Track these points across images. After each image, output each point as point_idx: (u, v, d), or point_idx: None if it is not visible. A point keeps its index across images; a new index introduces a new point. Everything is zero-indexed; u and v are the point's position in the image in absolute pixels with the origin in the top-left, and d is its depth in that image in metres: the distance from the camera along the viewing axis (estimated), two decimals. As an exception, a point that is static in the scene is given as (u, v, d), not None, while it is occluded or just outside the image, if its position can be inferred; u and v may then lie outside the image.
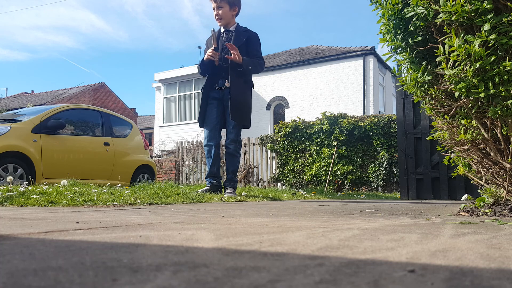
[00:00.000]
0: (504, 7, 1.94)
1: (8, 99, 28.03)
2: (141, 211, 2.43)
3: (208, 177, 4.66)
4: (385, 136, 9.63)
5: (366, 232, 1.28)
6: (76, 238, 1.10)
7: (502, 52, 1.92)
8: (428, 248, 0.96)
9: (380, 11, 2.36)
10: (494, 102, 1.99)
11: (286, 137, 10.61)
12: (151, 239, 1.09)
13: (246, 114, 4.51)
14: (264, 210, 2.57)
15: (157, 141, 18.28)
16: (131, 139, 7.10)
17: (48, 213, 2.11)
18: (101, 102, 26.38)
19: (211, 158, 4.58)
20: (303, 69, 16.94)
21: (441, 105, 2.37)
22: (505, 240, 1.12)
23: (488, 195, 2.36)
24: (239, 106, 4.41)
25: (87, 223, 1.56)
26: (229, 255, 0.84)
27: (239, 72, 4.41)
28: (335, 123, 10.05)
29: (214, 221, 1.68)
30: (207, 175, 4.68)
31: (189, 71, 17.78)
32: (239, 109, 4.41)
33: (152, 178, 7.29)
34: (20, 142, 5.24)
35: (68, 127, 6.11)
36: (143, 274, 0.65)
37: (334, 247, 0.96)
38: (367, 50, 15.82)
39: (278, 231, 1.31)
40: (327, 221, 1.75)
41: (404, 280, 0.63)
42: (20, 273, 0.65)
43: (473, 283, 0.62)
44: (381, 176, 9.48)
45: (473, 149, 2.30)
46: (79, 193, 3.44)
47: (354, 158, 9.88)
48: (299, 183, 10.23)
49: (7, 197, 3.09)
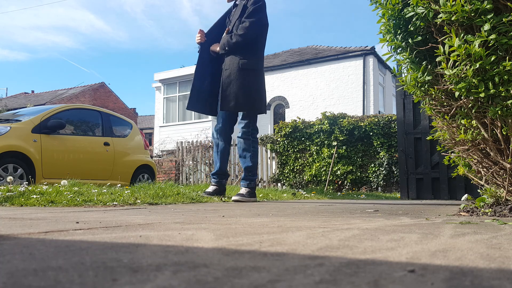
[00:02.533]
0: (504, 7, 1.94)
1: (8, 99, 28.03)
2: (141, 211, 2.43)
3: (213, 174, 4.25)
4: (385, 136, 9.63)
5: (366, 232, 1.28)
6: (76, 238, 1.10)
7: (502, 52, 1.92)
8: (428, 248, 0.96)
9: (380, 11, 2.36)
10: (494, 102, 1.99)
11: (286, 137, 10.61)
12: (151, 239, 1.09)
13: (243, 98, 3.86)
14: (264, 210, 2.57)
15: (157, 141, 18.28)
16: (131, 139, 7.10)
17: (48, 213, 2.11)
18: (101, 102, 26.38)
19: (218, 154, 4.17)
20: (303, 69, 16.94)
21: (441, 105, 2.37)
22: (505, 240, 1.12)
23: (488, 195, 2.36)
24: (230, 92, 3.86)
25: (87, 223, 1.56)
26: (229, 255, 0.84)
27: (231, 56, 3.94)
28: (335, 123, 10.05)
29: (214, 221, 1.68)
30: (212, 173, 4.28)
31: (189, 71, 17.77)
32: (230, 96, 3.86)
33: (152, 178, 7.29)
34: (20, 142, 5.24)
35: (68, 127, 6.11)
36: (143, 274, 0.65)
37: (334, 247, 0.96)
38: (367, 50, 15.82)
39: (278, 231, 1.31)
40: (327, 221, 1.75)
41: (404, 280, 0.63)
42: (20, 273, 0.65)
43: (473, 283, 0.62)
44: (381, 176, 9.48)
45: (473, 149, 2.30)
46: (79, 193, 3.44)
47: (354, 158, 9.88)
48: (299, 183, 10.23)
49: (7, 197, 3.09)
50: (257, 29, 3.91)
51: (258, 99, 3.96)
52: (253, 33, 3.89)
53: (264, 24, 3.98)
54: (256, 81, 3.95)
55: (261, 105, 4.00)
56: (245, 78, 3.88)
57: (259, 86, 3.99)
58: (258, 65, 3.98)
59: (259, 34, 3.95)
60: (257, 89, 3.95)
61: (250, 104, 3.91)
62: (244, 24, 3.88)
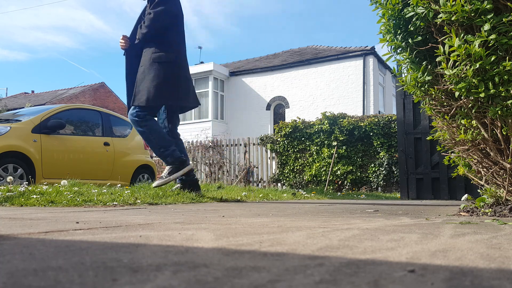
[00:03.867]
0: (504, 7, 1.94)
1: (8, 99, 28.02)
2: (141, 211, 2.43)
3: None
4: (385, 136, 9.63)
5: (366, 232, 1.28)
6: (76, 238, 1.10)
7: (502, 52, 1.92)
8: (428, 248, 0.96)
9: (380, 11, 2.36)
10: (494, 102, 1.99)
11: (286, 137, 10.61)
12: (151, 239, 1.09)
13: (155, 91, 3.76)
14: (264, 210, 2.57)
15: (157, 141, 18.25)
16: (131, 139, 7.10)
17: (48, 213, 2.11)
18: (101, 102, 26.37)
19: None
20: (303, 69, 16.94)
21: (441, 105, 2.37)
22: (505, 240, 1.12)
23: (488, 195, 2.36)
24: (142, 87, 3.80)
25: (87, 223, 1.56)
26: (229, 255, 0.84)
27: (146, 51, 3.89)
28: (335, 123, 10.05)
29: (214, 221, 1.68)
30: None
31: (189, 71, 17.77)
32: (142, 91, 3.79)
33: (152, 178, 7.29)
34: (20, 142, 5.24)
35: (68, 127, 6.11)
36: (143, 274, 0.65)
37: (334, 247, 0.96)
38: (367, 50, 15.82)
39: (278, 231, 1.31)
40: (327, 221, 1.75)
41: (404, 280, 0.63)
42: (20, 273, 0.65)
43: (473, 283, 0.62)
44: (381, 176, 9.48)
45: (473, 149, 2.30)
46: (79, 193, 3.44)
47: (354, 158, 9.88)
48: (299, 183, 10.23)
49: (7, 197, 3.09)
50: (162, 19, 3.82)
51: (174, 91, 3.84)
52: (157, 23, 3.80)
53: (172, 13, 3.88)
54: (170, 74, 3.83)
55: (176, 97, 3.88)
56: (157, 71, 3.78)
57: (174, 78, 3.84)
58: (171, 57, 3.86)
59: (166, 23, 3.85)
60: (168, 81, 3.81)
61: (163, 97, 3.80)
62: (149, 15, 3.82)
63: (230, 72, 18.09)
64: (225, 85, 18.10)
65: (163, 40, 3.89)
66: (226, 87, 18.11)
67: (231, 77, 18.11)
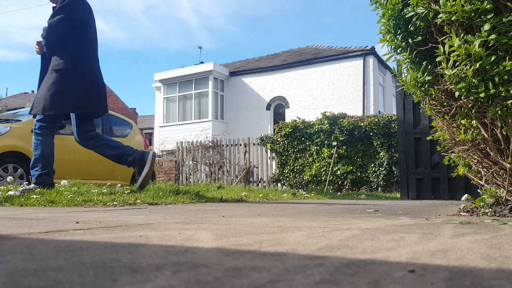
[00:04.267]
0: (504, 7, 1.94)
1: (8, 99, 28.01)
2: (141, 211, 2.43)
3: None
4: (385, 136, 9.63)
5: (366, 232, 1.28)
6: (76, 238, 1.10)
7: (502, 52, 1.92)
8: (428, 248, 0.96)
9: (380, 11, 2.36)
10: (494, 102, 1.99)
11: (286, 137, 10.61)
12: (151, 239, 1.09)
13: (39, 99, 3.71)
14: (264, 210, 2.57)
15: (157, 141, 18.27)
16: (131, 139, 7.10)
17: (48, 213, 2.11)
18: (101, 102, 26.32)
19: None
20: (303, 69, 16.94)
21: (441, 105, 2.37)
22: (505, 240, 1.12)
23: (488, 195, 2.36)
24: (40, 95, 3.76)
25: (87, 223, 1.56)
26: (229, 255, 0.84)
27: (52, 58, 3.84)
28: (335, 123, 10.05)
29: (214, 221, 1.68)
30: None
31: (189, 71, 17.78)
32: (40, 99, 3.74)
33: (152, 178, 7.29)
34: (20, 142, 5.24)
35: (68, 127, 6.10)
36: (143, 274, 0.65)
37: (334, 247, 0.96)
38: (367, 50, 15.82)
39: (278, 231, 1.31)
40: (327, 221, 1.75)
41: (404, 280, 0.63)
42: (20, 273, 0.65)
43: (473, 283, 0.62)
44: (381, 176, 9.48)
45: (473, 149, 2.30)
46: (79, 193, 3.44)
47: (354, 158, 9.88)
48: (299, 183, 10.23)
49: (7, 197, 3.09)
50: (57, 30, 3.74)
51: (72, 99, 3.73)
52: (53, 35, 3.75)
53: (73, 21, 3.77)
54: (67, 82, 3.73)
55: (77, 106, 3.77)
56: (54, 79, 3.73)
57: (73, 86, 3.74)
58: (69, 64, 3.76)
59: (61, 34, 3.76)
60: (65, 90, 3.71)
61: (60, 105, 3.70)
62: (45, 27, 3.78)
63: (230, 72, 18.10)
64: (225, 85, 18.11)
65: (65, 48, 3.80)
66: (226, 87, 18.11)
67: (231, 77, 18.12)
